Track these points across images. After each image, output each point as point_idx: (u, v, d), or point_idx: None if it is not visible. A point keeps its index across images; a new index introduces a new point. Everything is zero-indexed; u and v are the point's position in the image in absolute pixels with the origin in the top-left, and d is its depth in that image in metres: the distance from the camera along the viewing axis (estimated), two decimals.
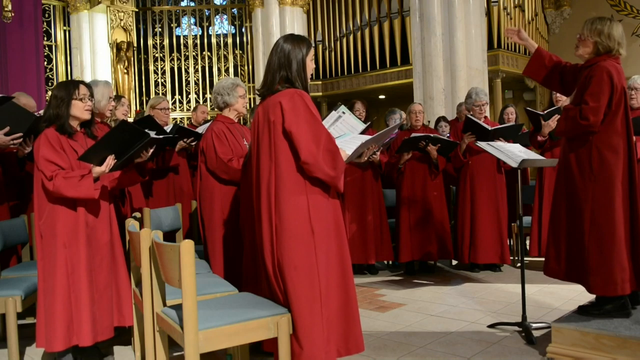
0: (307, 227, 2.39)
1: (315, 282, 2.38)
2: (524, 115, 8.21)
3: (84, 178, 2.74)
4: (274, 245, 2.43)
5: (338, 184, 2.45)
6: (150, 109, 4.84)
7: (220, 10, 12.48)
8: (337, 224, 2.49)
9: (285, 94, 2.44)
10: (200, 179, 3.62)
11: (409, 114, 5.34)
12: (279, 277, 2.43)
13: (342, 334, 2.45)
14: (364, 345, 2.52)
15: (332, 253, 2.44)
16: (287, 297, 2.39)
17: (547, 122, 4.75)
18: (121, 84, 10.75)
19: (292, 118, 2.38)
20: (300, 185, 2.41)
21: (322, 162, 2.37)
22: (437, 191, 5.05)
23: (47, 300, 2.78)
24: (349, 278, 2.49)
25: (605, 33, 2.83)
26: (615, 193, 2.74)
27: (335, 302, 2.43)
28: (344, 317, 2.45)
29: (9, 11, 7.63)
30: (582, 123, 2.77)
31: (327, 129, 2.69)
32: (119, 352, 3.25)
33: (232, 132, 3.61)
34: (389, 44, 10.83)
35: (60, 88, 2.91)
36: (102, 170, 2.80)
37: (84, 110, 2.92)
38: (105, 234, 2.95)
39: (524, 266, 3.48)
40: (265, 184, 2.45)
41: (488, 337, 3.30)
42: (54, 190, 2.73)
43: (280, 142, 2.42)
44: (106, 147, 2.79)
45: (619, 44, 2.85)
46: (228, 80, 3.68)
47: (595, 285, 2.76)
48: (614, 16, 10.93)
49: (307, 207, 2.40)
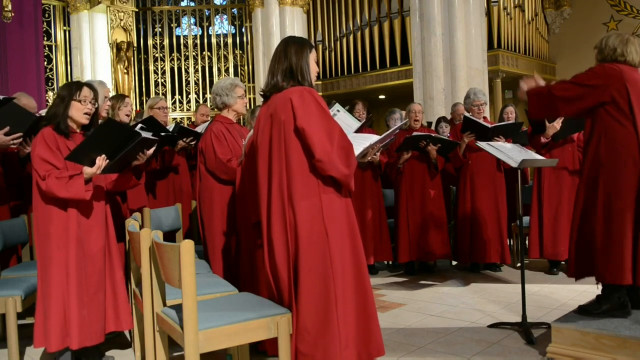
0: (321, 229, 2.34)
1: (330, 285, 2.32)
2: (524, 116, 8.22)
3: (73, 178, 2.70)
4: (289, 247, 2.37)
5: (350, 183, 2.40)
6: (148, 109, 4.85)
7: (220, 10, 12.49)
8: (351, 223, 2.44)
9: (295, 90, 2.40)
10: (199, 180, 3.62)
11: (408, 113, 5.33)
12: (288, 281, 2.38)
13: (363, 338, 2.38)
14: (384, 348, 2.45)
15: (346, 254, 2.38)
16: (298, 301, 2.34)
17: (551, 124, 4.73)
18: (121, 84, 10.75)
19: (304, 115, 2.33)
20: (313, 186, 2.35)
21: (337, 159, 2.32)
22: (437, 191, 5.05)
23: (45, 300, 2.77)
24: (365, 279, 2.43)
25: (602, 43, 2.94)
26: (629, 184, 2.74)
27: (353, 303, 2.36)
28: (363, 319, 2.39)
29: (9, 11, 7.63)
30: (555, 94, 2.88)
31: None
32: (119, 352, 3.25)
33: (231, 133, 3.61)
34: (389, 44, 10.83)
35: (64, 87, 2.90)
36: (93, 171, 2.74)
37: (82, 113, 2.86)
38: (100, 237, 2.90)
39: (524, 266, 3.48)
40: (277, 186, 2.39)
41: (488, 337, 3.30)
42: (47, 190, 2.70)
43: (292, 141, 2.36)
44: (94, 147, 2.73)
45: (614, 50, 2.89)
46: (227, 80, 3.66)
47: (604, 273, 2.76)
48: (614, 16, 10.94)
49: (320, 209, 2.35)
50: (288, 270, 2.39)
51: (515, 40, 10.49)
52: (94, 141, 2.72)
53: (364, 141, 2.59)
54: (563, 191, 4.81)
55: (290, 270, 2.38)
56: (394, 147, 5.10)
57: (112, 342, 3.35)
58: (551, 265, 4.99)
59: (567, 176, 4.84)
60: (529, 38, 11.03)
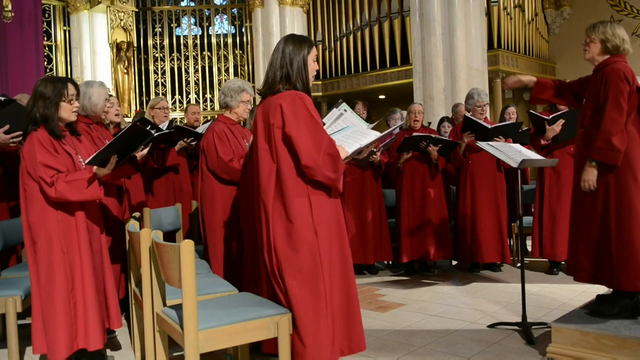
0: (311, 229, 2.39)
1: (320, 283, 2.38)
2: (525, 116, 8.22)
3: (90, 180, 2.66)
4: (274, 247, 2.42)
5: (338, 185, 2.46)
6: (149, 109, 4.86)
7: (220, 10, 12.48)
8: (339, 223, 2.50)
9: (286, 96, 2.42)
10: (201, 179, 3.62)
11: (408, 113, 5.33)
12: (279, 279, 2.43)
13: (345, 333, 2.45)
14: (365, 344, 2.52)
15: (334, 252, 2.45)
16: (289, 299, 2.39)
17: (552, 126, 4.72)
18: (121, 84, 10.75)
19: (293, 122, 2.37)
20: (301, 187, 2.41)
21: (323, 166, 2.36)
22: (437, 191, 5.05)
23: (44, 307, 2.66)
24: (350, 277, 2.50)
25: (609, 32, 2.90)
26: (637, 185, 2.75)
27: (338, 301, 2.44)
28: (346, 316, 2.46)
29: (9, 11, 7.63)
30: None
31: (328, 127, 2.68)
32: (118, 352, 3.25)
33: (234, 133, 3.62)
34: (389, 44, 10.83)
35: (47, 86, 2.73)
36: (105, 171, 2.74)
37: (72, 112, 2.80)
38: (99, 236, 2.88)
39: (524, 266, 3.48)
40: (266, 186, 2.44)
41: (488, 337, 3.30)
42: (57, 196, 2.61)
43: (280, 145, 2.41)
44: (114, 149, 2.74)
45: (624, 40, 2.90)
46: (236, 82, 3.65)
47: (626, 281, 2.73)
48: (614, 16, 10.93)
49: (309, 209, 2.40)
50: (273, 269, 2.43)
51: (515, 40, 10.49)
52: (117, 145, 2.72)
53: (361, 138, 2.59)
54: (563, 192, 4.80)
55: (275, 269, 2.42)
56: (394, 147, 5.10)
57: (109, 342, 3.34)
58: (551, 265, 4.99)
59: (568, 177, 4.83)
60: (529, 38, 11.03)
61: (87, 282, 2.72)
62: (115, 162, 2.77)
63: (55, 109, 2.73)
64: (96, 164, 2.72)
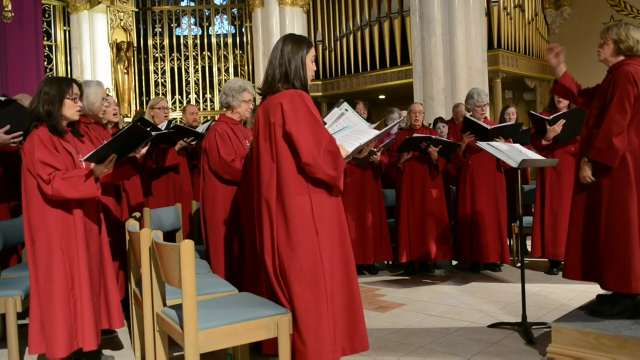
0: (311, 228, 2.39)
1: (320, 282, 2.38)
2: (525, 116, 8.21)
3: (86, 177, 2.66)
4: (277, 246, 2.42)
5: (339, 184, 2.46)
6: (149, 109, 4.85)
7: (220, 10, 12.49)
8: (340, 221, 2.50)
9: (286, 94, 2.44)
10: (203, 179, 3.62)
11: (408, 113, 5.34)
12: (280, 279, 2.43)
13: (347, 332, 2.45)
14: (368, 344, 2.51)
15: (335, 252, 2.45)
16: (291, 298, 2.39)
17: (552, 127, 4.72)
18: (121, 84, 10.76)
19: (293, 120, 2.38)
20: (302, 186, 2.41)
21: (323, 163, 2.36)
22: (437, 191, 5.05)
23: (43, 306, 2.66)
24: (352, 276, 2.49)
25: (623, 33, 2.91)
26: (631, 190, 2.75)
27: (340, 300, 2.43)
28: (348, 315, 2.45)
29: (9, 11, 7.64)
30: None
31: (329, 126, 2.69)
32: (119, 352, 3.25)
33: (235, 133, 3.61)
34: (389, 44, 10.83)
35: (52, 85, 2.75)
36: (103, 169, 2.74)
37: (75, 110, 2.82)
38: (97, 235, 2.88)
39: (524, 266, 3.48)
40: (267, 185, 2.45)
41: (488, 337, 3.30)
42: (54, 193, 2.62)
43: (281, 143, 2.42)
44: (112, 148, 2.74)
45: (638, 42, 2.90)
46: (237, 82, 3.65)
47: (609, 281, 2.76)
48: (614, 16, 10.93)
49: (310, 207, 2.40)
50: (275, 269, 2.43)
51: (515, 40, 10.48)
52: (116, 144, 2.72)
53: (361, 137, 2.59)
54: (564, 191, 4.80)
55: (277, 268, 2.43)
56: (394, 147, 5.11)
57: (109, 342, 3.34)
58: (551, 265, 4.99)
59: (569, 176, 4.83)
60: (529, 38, 11.02)
61: (83, 283, 2.72)
62: (113, 160, 2.77)
63: (59, 105, 2.75)
64: (94, 161, 2.71)
